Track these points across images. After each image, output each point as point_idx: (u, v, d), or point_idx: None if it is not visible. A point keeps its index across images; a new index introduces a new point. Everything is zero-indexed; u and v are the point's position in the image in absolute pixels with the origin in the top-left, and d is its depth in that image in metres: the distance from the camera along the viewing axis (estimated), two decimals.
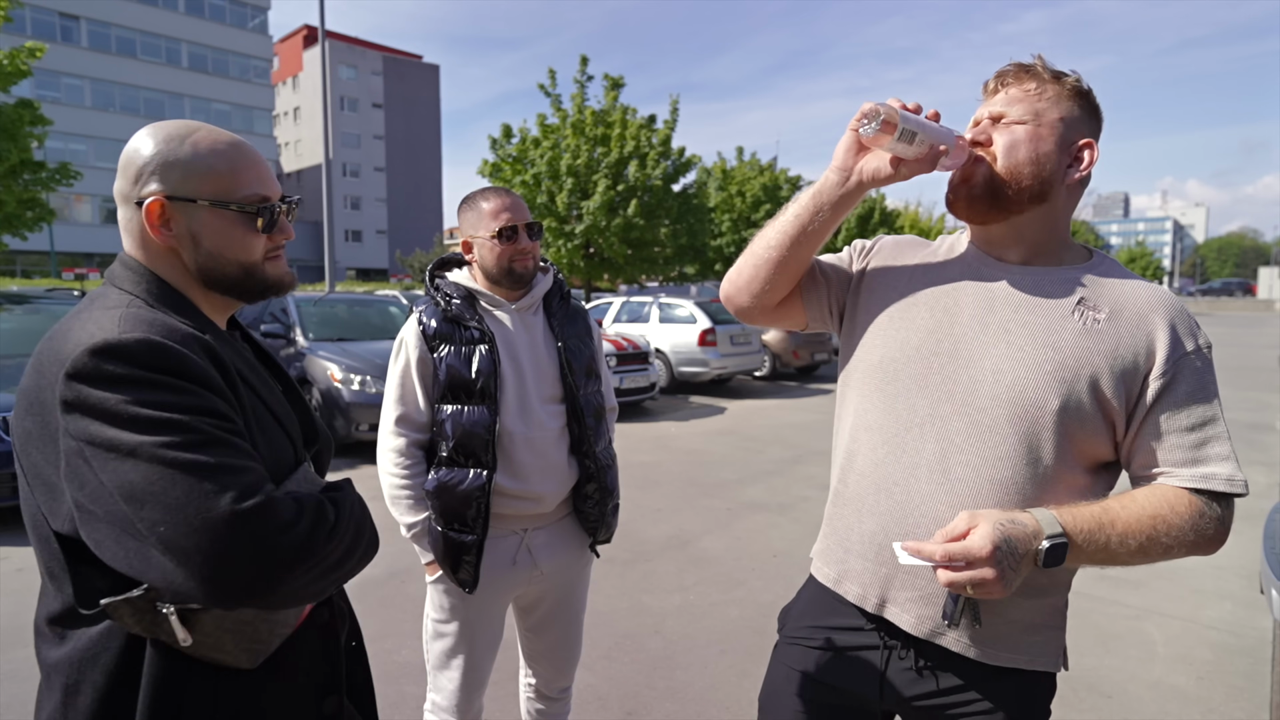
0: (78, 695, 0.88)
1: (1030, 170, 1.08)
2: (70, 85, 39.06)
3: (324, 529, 0.85)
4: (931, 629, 1.12)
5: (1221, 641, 3.28)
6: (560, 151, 15.51)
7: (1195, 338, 1.07)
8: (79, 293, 7.81)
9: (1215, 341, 6.15)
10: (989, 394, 1.07)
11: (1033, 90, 1.09)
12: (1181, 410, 1.05)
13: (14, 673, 2.96)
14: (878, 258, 1.28)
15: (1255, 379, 12.96)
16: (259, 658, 0.94)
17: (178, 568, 0.77)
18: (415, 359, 1.79)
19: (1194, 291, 68.75)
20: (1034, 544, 0.99)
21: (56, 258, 31.65)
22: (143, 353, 0.83)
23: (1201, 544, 1.05)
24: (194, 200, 0.95)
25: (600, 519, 1.91)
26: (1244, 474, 1.06)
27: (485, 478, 1.75)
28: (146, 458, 0.78)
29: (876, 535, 1.16)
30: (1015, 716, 1.14)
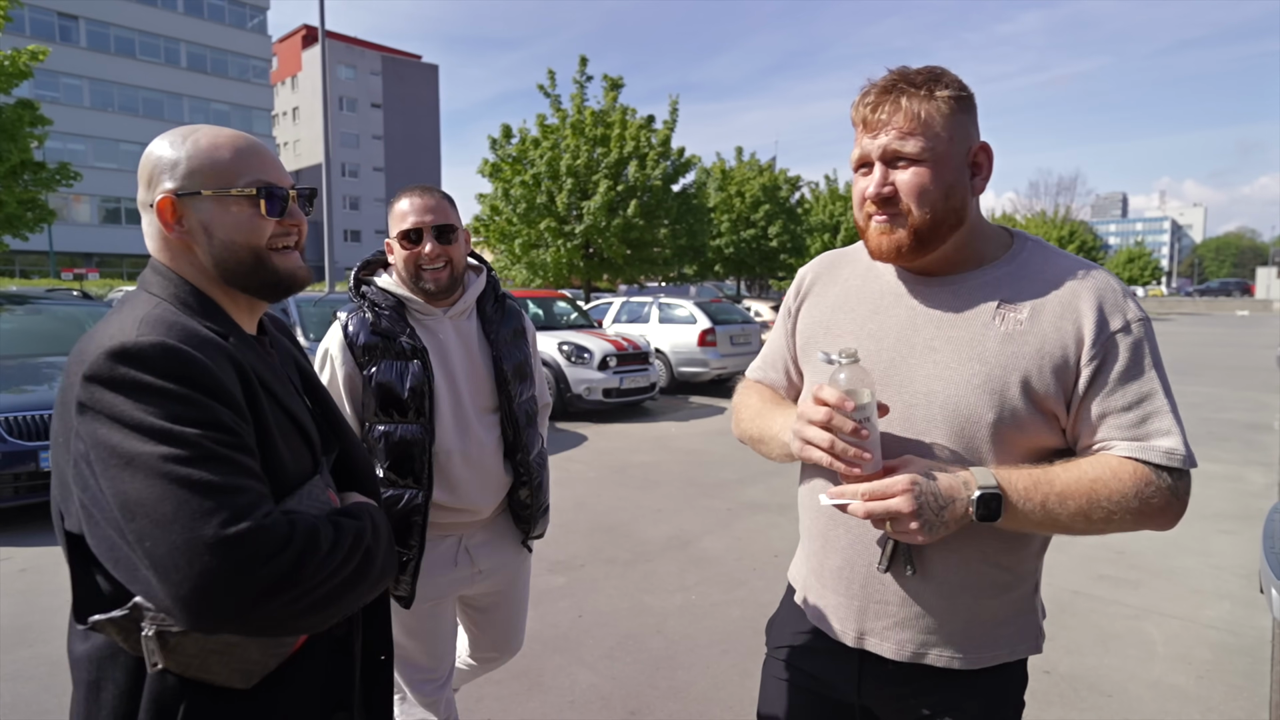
0: (100, 691, 0.90)
1: (944, 205, 1.06)
2: (69, 85, 39.03)
3: (313, 559, 0.83)
4: (913, 651, 1.13)
5: (1221, 641, 3.30)
6: (560, 152, 15.50)
7: (1124, 313, 1.04)
8: (78, 293, 7.81)
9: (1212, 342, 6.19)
10: (924, 416, 1.08)
11: (909, 117, 1.04)
12: (1115, 390, 1.03)
13: (17, 673, 2.96)
14: (808, 298, 1.29)
15: (1253, 379, 12.98)
16: (253, 679, 0.93)
17: (159, 584, 0.77)
18: (343, 375, 1.71)
19: (1192, 291, 68.84)
20: (963, 491, 0.99)
21: (55, 258, 31.63)
22: (156, 357, 0.83)
23: (1151, 515, 1.02)
24: (198, 193, 0.97)
25: (533, 521, 1.92)
26: (1188, 449, 1.03)
27: (422, 499, 1.70)
28: (144, 468, 0.78)
29: (844, 570, 1.16)
30: (994, 702, 1.16)
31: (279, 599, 0.79)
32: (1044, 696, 2.84)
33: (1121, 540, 4.65)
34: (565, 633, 3.36)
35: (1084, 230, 43.54)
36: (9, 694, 2.81)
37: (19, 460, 4.54)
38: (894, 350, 1.12)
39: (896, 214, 1.06)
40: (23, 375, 5.26)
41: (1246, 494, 5.74)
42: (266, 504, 0.83)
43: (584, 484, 6.05)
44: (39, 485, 4.63)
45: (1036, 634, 1.17)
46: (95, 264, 39.31)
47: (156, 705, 0.88)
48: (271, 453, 0.93)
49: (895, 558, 1.10)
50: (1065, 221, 42.91)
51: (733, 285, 27.92)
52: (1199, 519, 5.09)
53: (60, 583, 3.86)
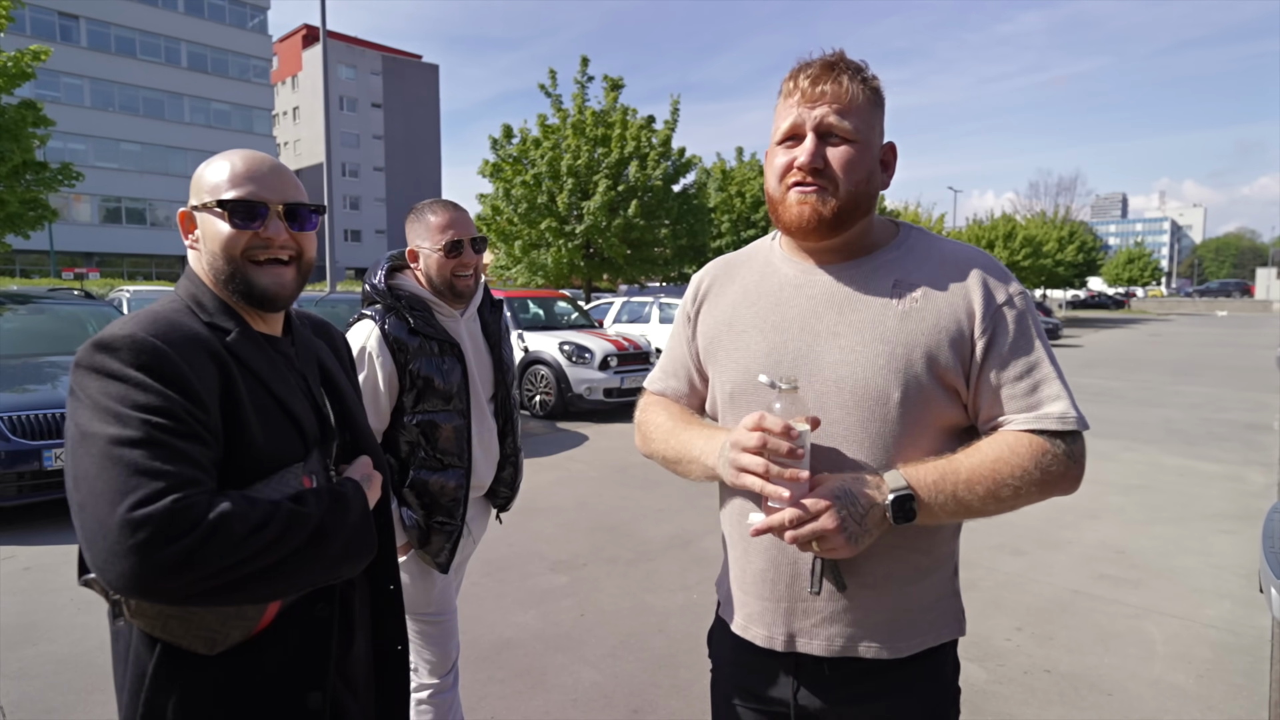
0: (117, 641, 1.05)
1: (864, 190, 1.09)
2: (70, 85, 38.99)
3: (223, 541, 0.87)
4: (842, 645, 1.12)
5: (1220, 640, 3.31)
6: (561, 152, 15.51)
7: (1006, 288, 1.09)
8: (79, 292, 7.81)
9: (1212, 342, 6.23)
10: (836, 402, 1.09)
11: (848, 97, 1.06)
12: (1008, 361, 1.07)
13: (22, 671, 2.98)
14: (707, 300, 1.29)
15: (1253, 379, 13.00)
16: (216, 646, 1.00)
17: (86, 551, 0.87)
18: (384, 373, 1.85)
19: (1191, 292, 68.82)
20: (878, 498, 1.01)
21: (56, 257, 31.62)
22: (125, 348, 0.94)
23: (1053, 482, 1.05)
24: (198, 206, 1.11)
25: (511, 492, 2.19)
26: (1079, 411, 1.07)
27: (464, 476, 1.95)
28: (92, 446, 0.89)
29: (767, 571, 1.15)
30: (928, 688, 1.17)
31: (182, 576, 0.85)
32: (1044, 695, 2.85)
33: (1122, 539, 4.67)
34: (568, 631, 3.37)
35: (1084, 231, 43.50)
36: (15, 692, 2.83)
37: (22, 459, 4.56)
38: (800, 339, 1.13)
39: (824, 186, 1.07)
40: (25, 375, 5.27)
41: (1246, 494, 5.75)
42: (191, 488, 0.88)
43: (585, 483, 6.06)
44: (42, 484, 4.64)
45: (959, 616, 1.19)
46: (96, 263, 39.27)
47: (135, 659, 1.01)
48: (245, 438, 1.01)
49: (825, 576, 1.10)
50: (1065, 222, 42.89)
51: None
52: (1199, 518, 5.11)
53: (64, 581, 3.87)
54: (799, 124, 1.08)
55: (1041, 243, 37.02)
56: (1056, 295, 53.75)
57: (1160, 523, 5.04)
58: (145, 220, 43.57)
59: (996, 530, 4.80)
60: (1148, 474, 6.36)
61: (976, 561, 4.26)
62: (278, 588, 0.96)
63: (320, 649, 1.09)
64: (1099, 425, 8.32)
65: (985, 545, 4.53)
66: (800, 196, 1.09)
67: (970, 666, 3.08)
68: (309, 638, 1.08)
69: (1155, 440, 7.73)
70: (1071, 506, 5.34)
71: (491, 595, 3.76)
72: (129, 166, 42.27)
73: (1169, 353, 18.97)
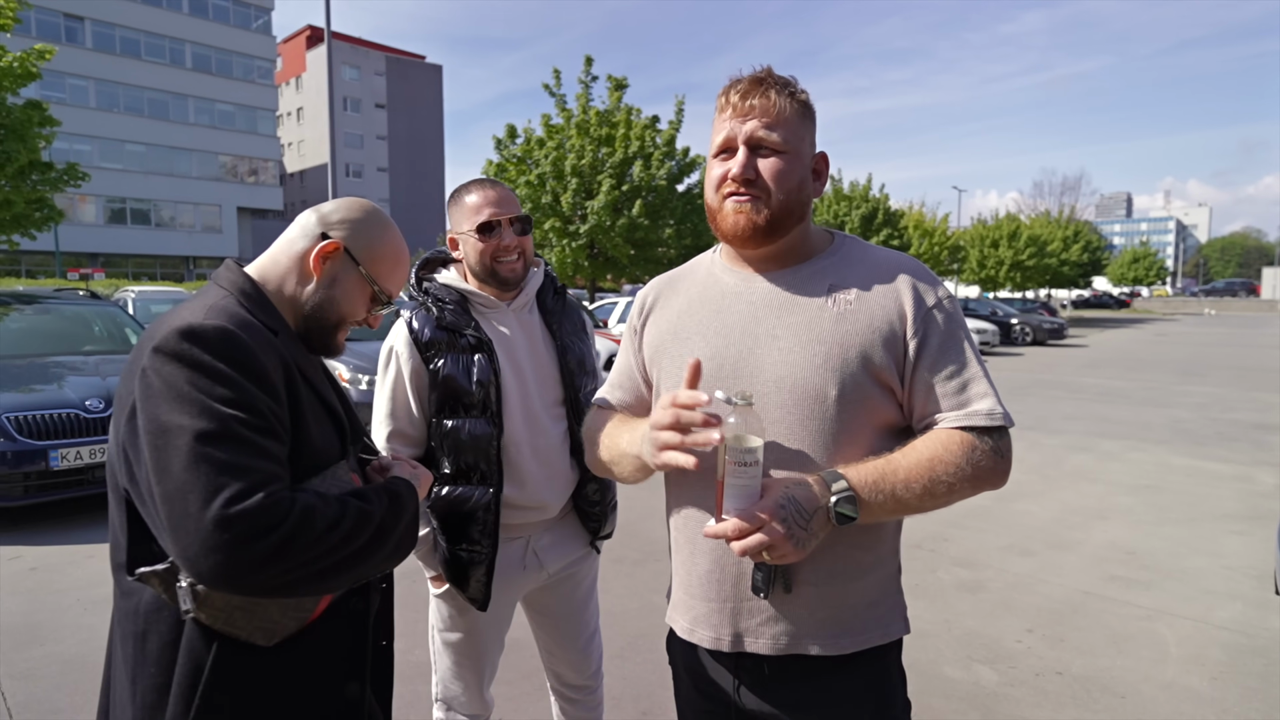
0: (146, 642, 1.01)
1: (796, 198, 1.15)
2: (75, 86, 39.06)
3: (306, 536, 0.91)
4: (788, 643, 1.13)
5: (1234, 642, 3.28)
6: (565, 152, 15.51)
7: (935, 292, 1.15)
8: (85, 292, 7.81)
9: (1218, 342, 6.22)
10: (777, 401, 1.11)
11: (776, 110, 1.12)
12: (938, 361, 1.11)
13: (29, 672, 2.97)
14: (652, 313, 1.33)
15: (1260, 380, 12.93)
16: (274, 637, 1.03)
17: (172, 545, 0.89)
18: (409, 370, 1.70)
19: (1197, 291, 68.58)
20: (821, 501, 1.03)
21: (61, 257, 31.71)
22: (215, 339, 0.96)
23: (983, 477, 1.09)
24: (357, 263, 1.17)
25: (602, 518, 1.87)
26: (1004, 408, 1.11)
27: (491, 494, 1.68)
28: (179, 439, 0.89)
29: (713, 572, 1.17)
30: (875, 686, 1.17)
31: (270, 569, 0.88)
32: (1057, 698, 2.83)
33: (1131, 540, 4.63)
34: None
35: (1089, 231, 43.37)
36: (21, 692, 2.82)
37: (28, 459, 4.55)
38: (740, 344, 1.16)
39: (758, 196, 1.13)
40: (31, 375, 5.27)
41: (1256, 495, 5.71)
42: (275, 484, 0.92)
43: None
44: (48, 484, 4.64)
45: (903, 615, 1.21)
46: (100, 264, 39.36)
47: (190, 653, 0.99)
48: (304, 436, 1.04)
49: (772, 582, 1.11)
50: (1070, 222, 42.78)
51: None
52: (1209, 519, 5.07)
53: (70, 581, 3.87)
54: (731, 137, 1.14)
55: (1046, 242, 36.92)
56: (1060, 295, 53.61)
57: (1170, 523, 5.00)
58: (150, 221, 43.62)
59: (1005, 530, 4.77)
60: (1156, 474, 6.32)
61: (985, 562, 4.24)
62: (342, 580, 1.00)
63: (358, 641, 1.15)
64: (1106, 425, 8.31)
65: (994, 546, 4.50)
66: (736, 206, 1.14)
67: (981, 668, 3.05)
68: (348, 630, 1.13)
69: (1163, 440, 7.69)
70: (1080, 507, 5.31)
71: None
72: (134, 167, 42.30)
73: (1175, 352, 18.89)
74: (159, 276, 43.08)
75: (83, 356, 5.88)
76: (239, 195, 46.85)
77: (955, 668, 3.06)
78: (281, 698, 1.05)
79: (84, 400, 4.86)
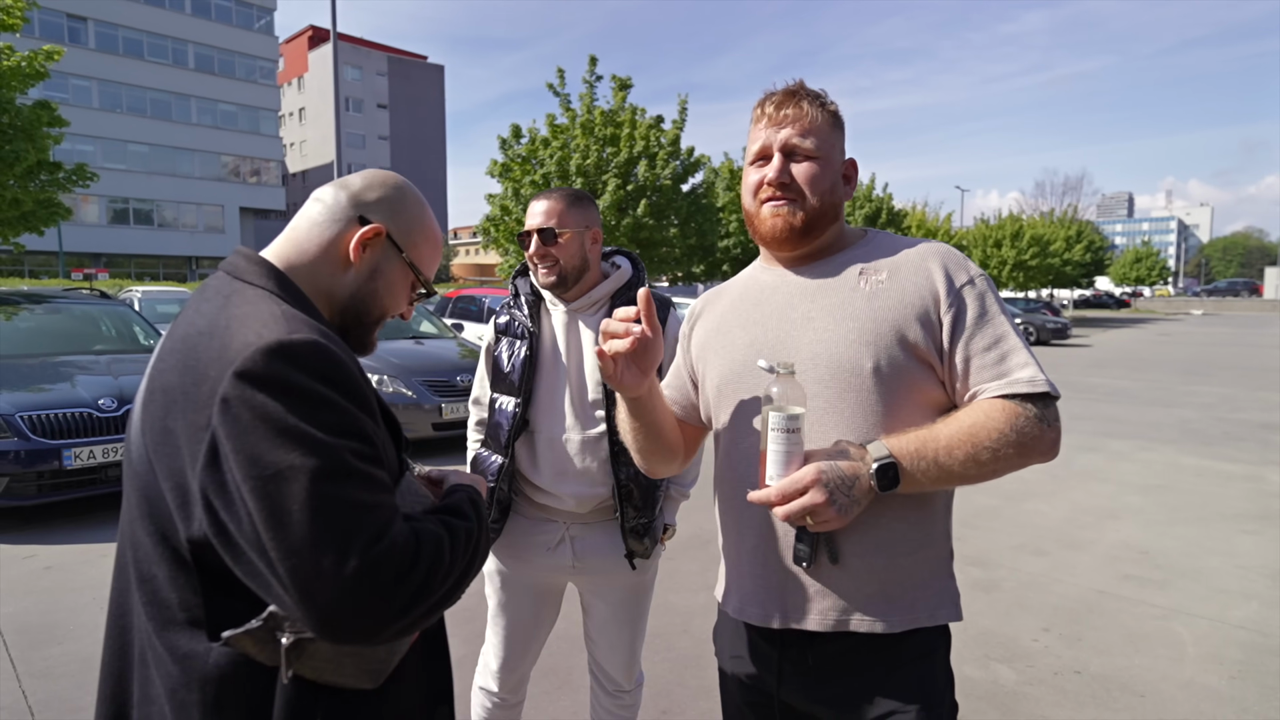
0: (222, 711, 0.86)
1: (829, 200, 1.21)
2: (78, 86, 39.11)
3: (440, 569, 0.83)
4: (835, 618, 1.14)
5: (1251, 641, 3.28)
6: (570, 151, 15.51)
7: (966, 270, 1.18)
8: (90, 291, 7.81)
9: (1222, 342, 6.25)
10: (814, 377, 1.15)
11: (808, 119, 1.19)
12: (975, 334, 1.13)
13: (48, 670, 2.98)
14: (700, 319, 1.41)
15: (1264, 379, 12.92)
16: (380, 678, 0.93)
17: (297, 604, 0.76)
18: (484, 348, 2.00)
19: (1199, 291, 68.47)
20: (863, 467, 1.06)
21: (64, 258, 31.75)
22: (312, 357, 0.82)
23: (1029, 444, 1.08)
24: (401, 250, 1.05)
25: (635, 535, 1.86)
26: (1047, 376, 1.12)
27: (500, 465, 1.86)
28: (291, 482, 0.76)
29: (759, 547, 1.19)
30: (921, 669, 1.16)
31: (415, 611, 0.80)
32: (1076, 697, 2.83)
33: (1145, 540, 4.63)
34: None
35: (1091, 230, 43.33)
36: (42, 691, 2.82)
37: (42, 459, 4.56)
38: (778, 328, 1.22)
39: (793, 199, 1.19)
40: (43, 374, 5.28)
41: (1267, 494, 5.71)
42: (398, 519, 0.82)
43: None
44: (61, 484, 4.65)
45: (955, 599, 1.20)
46: (103, 264, 39.40)
47: (290, 713, 0.86)
48: (384, 450, 0.94)
49: (817, 551, 1.13)
50: (1073, 221, 42.74)
51: None
52: (1220, 519, 5.07)
53: (85, 580, 3.87)
54: (767, 145, 1.21)
55: (1049, 242, 36.88)
56: (1063, 295, 53.56)
57: (1181, 523, 5.00)
58: (153, 221, 43.68)
59: (1017, 530, 4.77)
60: (1166, 474, 6.32)
61: (999, 562, 4.24)
62: (450, 602, 0.90)
63: (441, 662, 1.09)
64: (1114, 425, 8.30)
65: (1006, 545, 4.50)
66: (773, 210, 1.21)
67: (1000, 667, 3.05)
68: (433, 653, 1.07)
69: (1171, 440, 7.68)
70: (1091, 507, 5.31)
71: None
72: (136, 167, 42.35)
73: (1179, 352, 18.87)
74: (162, 276, 43.14)
75: (94, 356, 5.89)
76: (241, 195, 46.90)
77: (973, 667, 3.06)
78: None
79: (97, 399, 4.87)
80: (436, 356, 7.54)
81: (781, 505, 1.03)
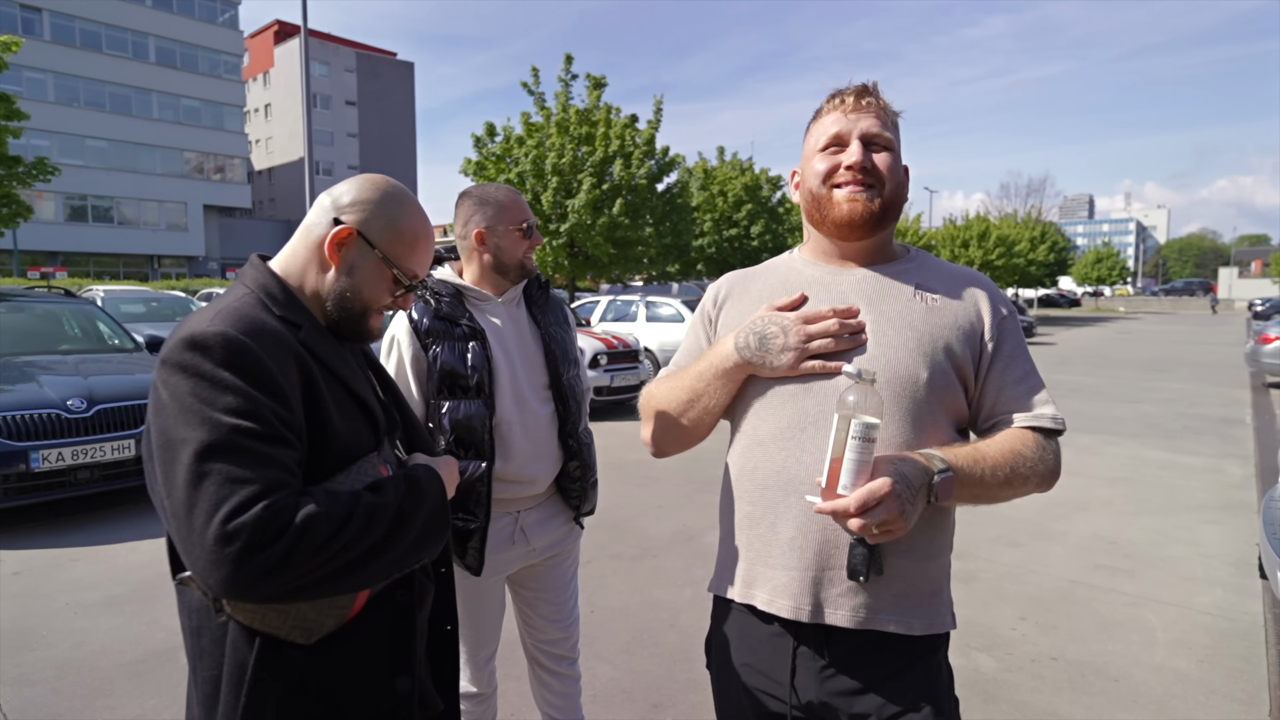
0: (200, 637, 1.03)
1: (900, 193, 1.24)
2: (32, 80, 37.79)
3: (312, 541, 0.90)
4: (866, 616, 1.15)
5: (1216, 626, 3.40)
6: (545, 150, 15.44)
7: (1006, 305, 1.26)
8: (50, 289, 7.58)
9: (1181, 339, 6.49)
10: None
11: (888, 113, 1.24)
12: (1010, 365, 1.22)
13: (21, 677, 2.90)
14: (728, 301, 1.37)
15: (1222, 376, 13.36)
16: (314, 635, 1.02)
17: (184, 557, 0.90)
18: (409, 356, 1.84)
19: (1157, 291, 70.46)
20: (926, 477, 1.08)
21: (19, 256, 30.71)
22: (217, 347, 0.93)
23: (1045, 476, 1.18)
24: (373, 246, 1.12)
25: (583, 494, 2.03)
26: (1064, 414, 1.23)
27: (485, 468, 1.84)
28: (182, 454, 0.89)
29: (796, 539, 1.17)
30: (934, 674, 1.19)
31: (275, 579, 0.88)
32: (1054, 682, 2.91)
33: (1113, 531, 4.77)
34: (580, 629, 3.36)
35: (1054, 232, 44.35)
36: (16, 698, 2.75)
37: (8, 461, 4.43)
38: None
39: (872, 184, 1.21)
40: (8, 374, 5.11)
41: (1227, 485, 5.92)
42: (279, 492, 0.90)
43: None
44: (29, 486, 4.52)
45: (952, 609, 1.24)
46: (60, 263, 38.23)
47: (235, 651, 1.00)
48: (327, 430, 1.03)
49: (874, 561, 1.12)
50: (1037, 222, 43.69)
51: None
52: (1185, 510, 5.24)
53: (57, 585, 3.77)
54: (845, 132, 1.22)
55: (1014, 242, 37.66)
56: (1027, 294, 54.77)
57: (1148, 514, 5.16)
58: (113, 219, 42.43)
59: (992, 523, 4.88)
60: (1131, 467, 6.51)
61: (975, 554, 4.33)
62: (365, 577, 0.99)
63: (405, 634, 1.12)
64: (1081, 420, 8.52)
65: (983, 538, 4.60)
66: (850, 194, 1.21)
67: (980, 656, 3.13)
68: (394, 624, 1.11)
69: (1135, 434, 7.92)
70: (1062, 500, 5.45)
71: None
72: (95, 163, 41.09)
73: (1140, 350, 19.41)
74: (122, 276, 41.91)
75: (60, 356, 5.73)
76: (205, 192, 45.78)
77: (955, 656, 3.10)
78: (328, 694, 1.04)
79: (65, 400, 4.74)
80: None
81: (858, 517, 1.02)
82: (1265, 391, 11.35)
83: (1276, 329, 11.56)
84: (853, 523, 1.04)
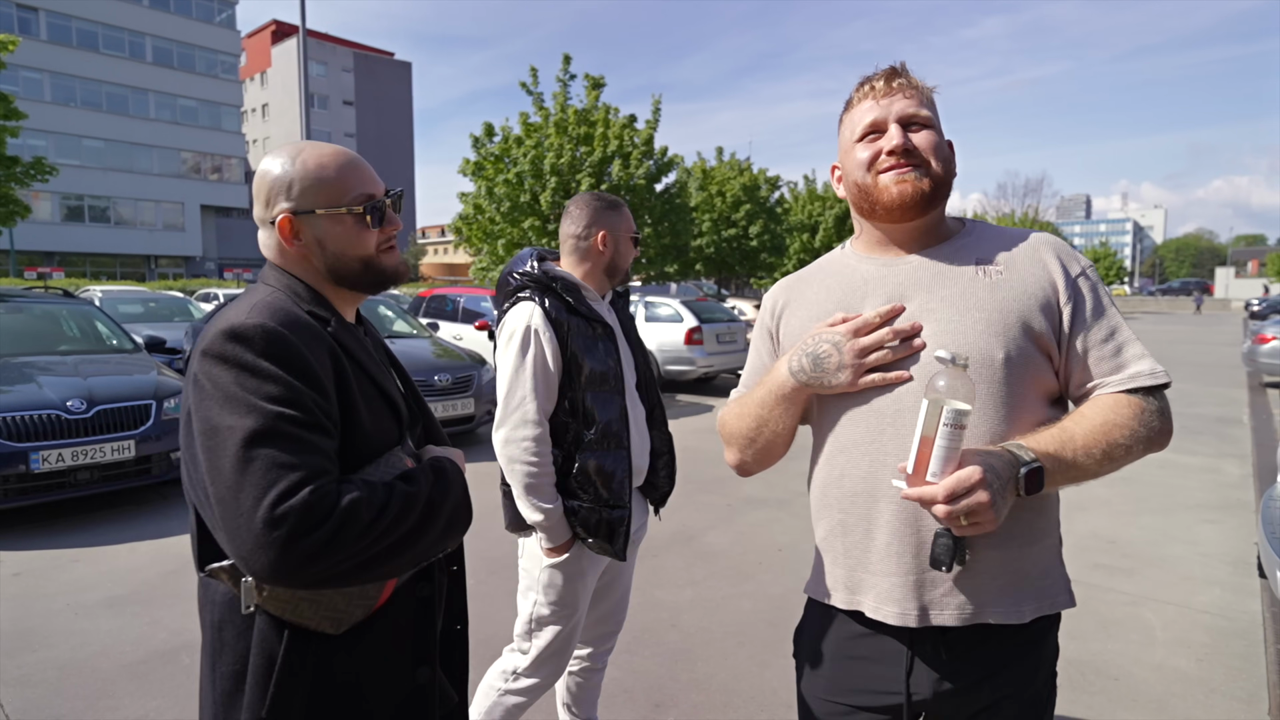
0: (222, 631, 1.05)
1: (948, 169, 1.20)
2: (28, 79, 37.73)
3: (352, 530, 0.92)
4: (973, 612, 1.13)
5: (1215, 625, 3.42)
6: (544, 150, 15.45)
7: (1078, 261, 1.19)
8: (47, 290, 7.57)
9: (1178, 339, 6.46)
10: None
11: (922, 91, 1.20)
12: (1092, 326, 1.15)
13: (24, 678, 2.90)
14: (786, 311, 1.34)
15: (1220, 375, 13.39)
16: (342, 625, 1.04)
17: (226, 543, 0.92)
18: (550, 349, 1.84)
19: (1154, 290, 70.64)
20: (1013, 470, 1.04)
21: (15, 257, 30.64)
22: (258, 337, 0.96)
23: (1154, 438, 1.12)
24: (313, 211, 1.10)
25: (670, 485, 2.12)
26: (1162, 367, 1.15)
27: (626, 458, 1.92)
28: (228, 441, 0.91)
29: (892, 544, 1.15)
30: (1039, 656, 1.18)
31: (321, 563, 0.90)
32: None
33: (1111, 530, 4.79)
34: None
35: (1052, 232, 44.46)
36: (19, 699, 2.75)
37: (8, 462, 4.42)
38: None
39: (918, 164, 1.16)
40: (7, 375, 5.11)
41: (1225, 485, 5.94)
42: (322, 479, 0.93)
43: None
44: (29, 487, 4.52)
45: (1068, 586, 1.21)
46: (57, 263, 38.16)
47: (263, 643, 1.02)
48: (356, 423, 1.05)
49: (959, 553, 1.09)
50: (1034, 223, 43.82)
51: (712, 284, 28.04)
52: (1182, 509, 5.26)
53: (57, 586, 3.77)
54: (880, 119, 1.18)
55: None
56: None
57: (1146, 513, 5.18)
58: (109, 219, 42.36)
59: None
60: (1130, 467, 6.43)
61: None
62: (398, 564, 1.01)
63: (426, 625, 1.16)
64: None
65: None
66: (898, 177, 1.16)
67: None
68: (416, 615, 1.14)
69: None
70: (1061, 498, 5.43)
71: (501, 593, 3.74)
72: (91, 163, 41.02)
73: None
74: (119, 276, 41.86)
75: (60, 356, 5.72)
76: (202, 192, 45.74)
77: None
78: (354, 684, 1.07)
79: (65, 401, 4.73)
80: (412, 356, 7.45)
81: (946, 504, 0.99)
82: (1262, 391, 11.39)
83: (1273, 328, 11.59)
84: (939, 509, 1.00)
